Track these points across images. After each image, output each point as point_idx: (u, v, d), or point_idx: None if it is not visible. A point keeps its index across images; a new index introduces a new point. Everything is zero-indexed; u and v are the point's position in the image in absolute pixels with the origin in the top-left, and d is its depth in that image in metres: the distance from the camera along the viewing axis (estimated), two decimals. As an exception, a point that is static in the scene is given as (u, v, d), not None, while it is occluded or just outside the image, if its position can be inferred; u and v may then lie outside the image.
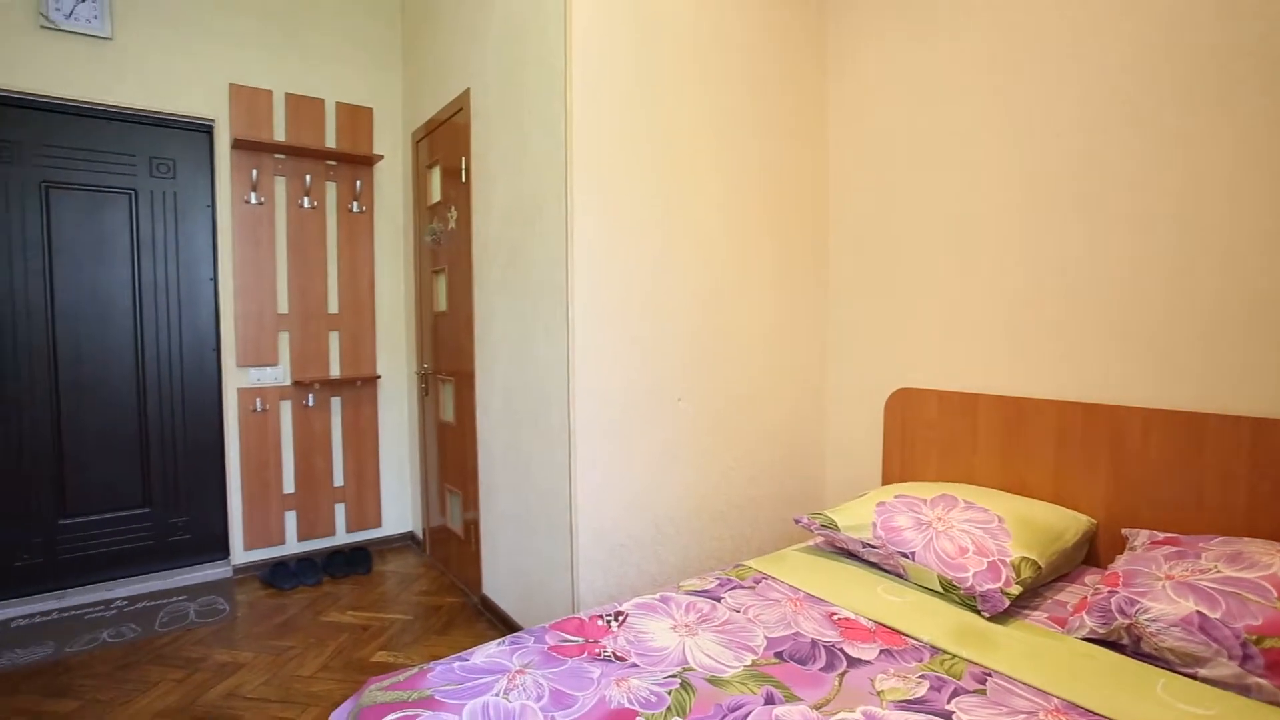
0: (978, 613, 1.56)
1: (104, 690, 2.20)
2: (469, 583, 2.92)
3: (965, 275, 2.19)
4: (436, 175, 3.16)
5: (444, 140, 3.02)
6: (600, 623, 1.54)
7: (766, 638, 1.47)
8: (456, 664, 1.37)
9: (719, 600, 1.67)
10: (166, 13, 2.97)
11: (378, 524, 3.52)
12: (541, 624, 1.81)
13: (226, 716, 2.05)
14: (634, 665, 1.35)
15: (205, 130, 3.11)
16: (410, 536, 3.62)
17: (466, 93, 2.74)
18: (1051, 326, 1.97)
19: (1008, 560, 1.59)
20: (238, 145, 3.07)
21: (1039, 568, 1.61)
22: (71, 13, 2.79)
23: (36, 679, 2.28)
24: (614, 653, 1.41)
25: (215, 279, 3.12)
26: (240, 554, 3.18)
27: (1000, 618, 1.54)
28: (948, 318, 2.25)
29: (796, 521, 2.01)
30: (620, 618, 1.57)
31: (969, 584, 1.57)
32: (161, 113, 2.99)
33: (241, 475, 3.16)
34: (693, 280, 2.30)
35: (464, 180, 2.78)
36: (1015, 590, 1.54)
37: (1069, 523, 1.79)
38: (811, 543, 2.11)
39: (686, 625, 1.53)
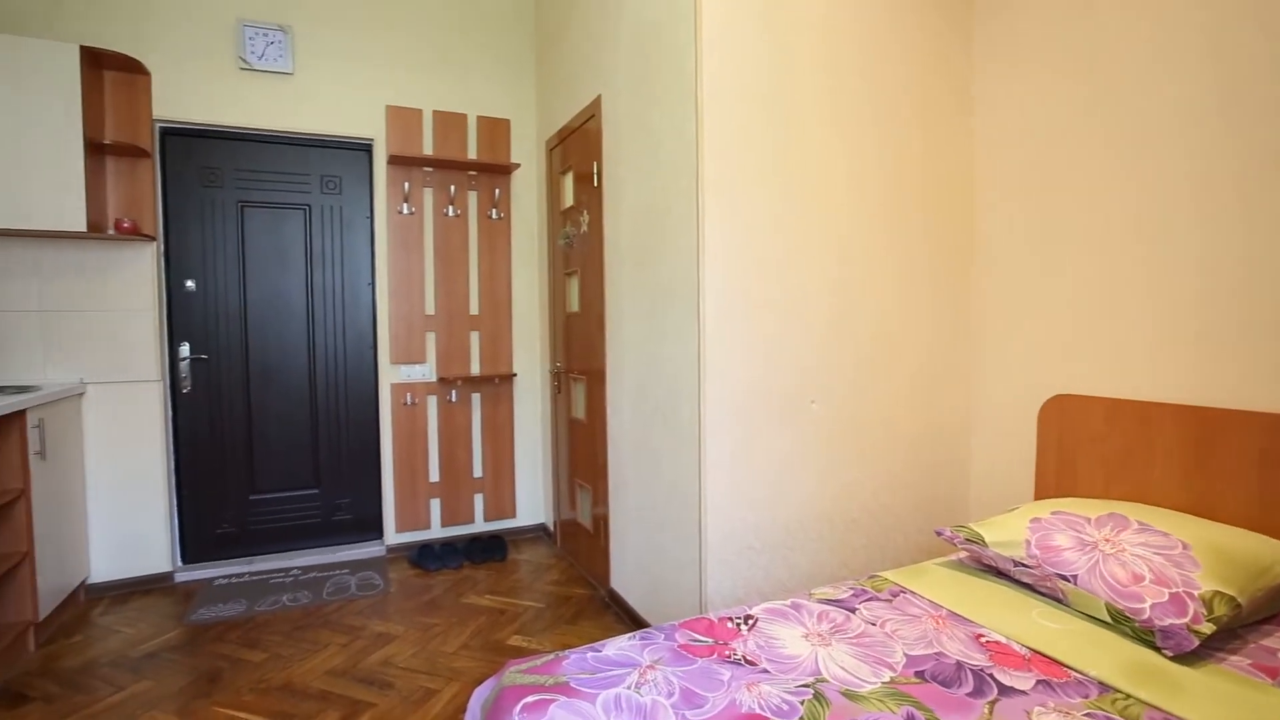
0: (1157, 650, 1.38)
1: (284, 647, 2.49)
2: (597, 576, 3.01)
3: (1140, 272, 1.96)
4: (569, 181, 3.28)
5: (576, 147, 3.13)
6: (730, 625, 1.53)
7: (906, 655, 1.39)
8: (589, 654, 1.41)
9: (853, 611, 1.61)
10: (336, 48, 3.31)
11: (512, 515, 3.72)
12: (669, 621, 1.82)
13: (382, 681, 2.25)
14: (765, 671, 1.33)
15: (366, 149, 3.42)
16: (542, 528, 3.78)
17: (597, 99, 2.82)
18: (1251, 328, 1.72)
19: (1196, 593, 1.40)
20: (393, 161, 3.36)
21: (1238, 605, 1.40)
22: (262, 54, 3.18)
23: (234, 630, 2.62)
24: (744, 656, 1.39)
25: (373, 284, 3.43)
26: (392, 535, 3.47)
27: (1187, 659, 1.36)
28: (1114, 318, 2.02)
29: (938, 534, 1.89)
30: (750, 621, 1.55)
31: (1145, 616, 1.40)
32: (331, 135, 3.33)
33: (394, 463, 3.45)
34: (826, 279, 2.23)
35: (595, 184, 2.87)
36: (1206, 629, 1.36)
37: (1278, 555, 1.55)
38: (954, 558, 1.98)
39: (819, 635, 1.49)
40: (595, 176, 2.87)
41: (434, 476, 3.54)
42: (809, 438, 2.23)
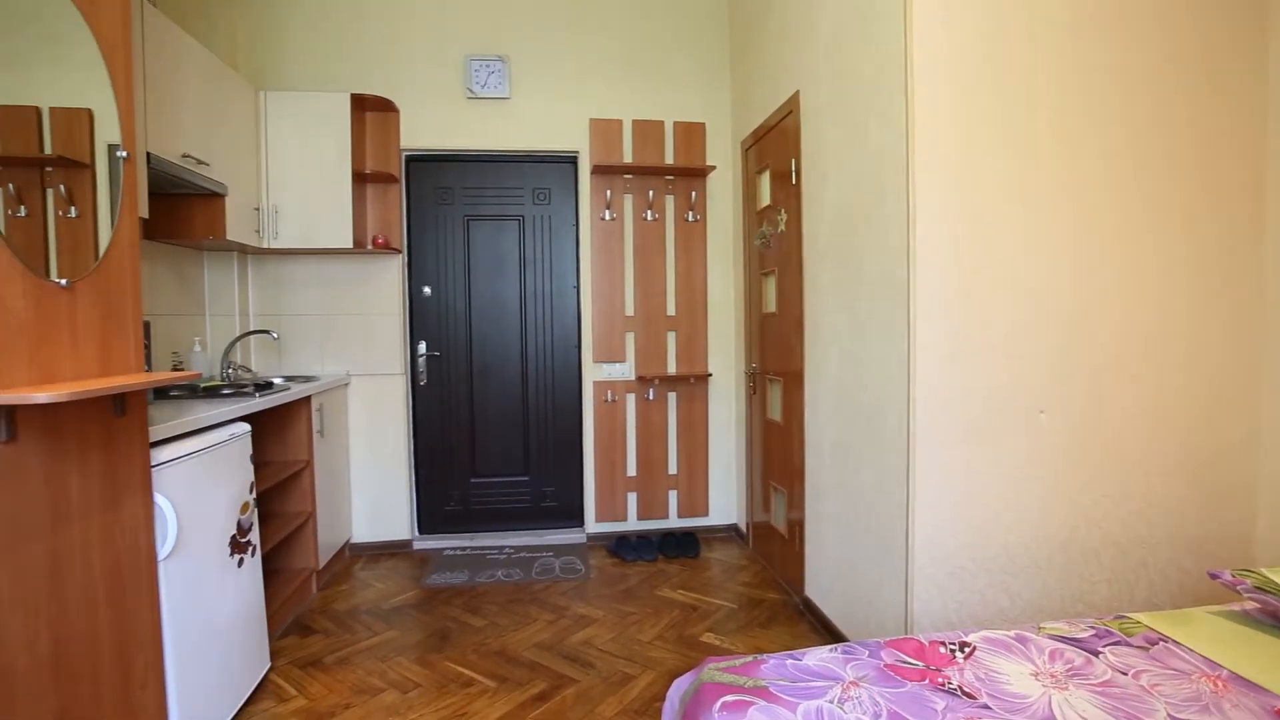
0: None
1: (500, 616, 2.76)
2: (791, 581, 2.94)
3: None
4: (765, 180, 3.24)
5: (773, 145, 3.08)
6: (943, 650, 1.41)
7: (1172, 716, 1.18)
8: (789, 661, 1.38)
9: (1095, 654, 1.40)
10: (545, 71, 3.59)
11: (705, 513, 3.76)
12: (872, 638, 1.73)
13: (583, 660, 2.40)
14: (985, 706, 1.21)
15: (572, 161, 3.67)
16: (734, 529, 3.79)
17: (795, 95, 2.75)
18: None
19: None
20: (595, 171, 3.56)
21: None
22: (485, 83, 3.55)
23: (459, 597, 2.95)
24: (960, 687, 1.27)
25: (578, 287, 3.67)
26: (592, 524, 3.69)
27: None
28: None
29: (1213, 577, 1.58)
30: (967, 649, 1.41)
31: None
32: (541, 151, 3.62)
33: (595, 457, 3.66)
34: (1062, 272, 1.97)
35: (794, 182, 2.80)
36: None
37: None
38: (1234, 607, 1.64)
39: (1052, 675, 1.31)
40: (793, 174, 2.80)
41: (631, 471, 3.70)
42: (1036, 452, 1.98)
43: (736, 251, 3.66)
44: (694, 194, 3.67)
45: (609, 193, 3.61)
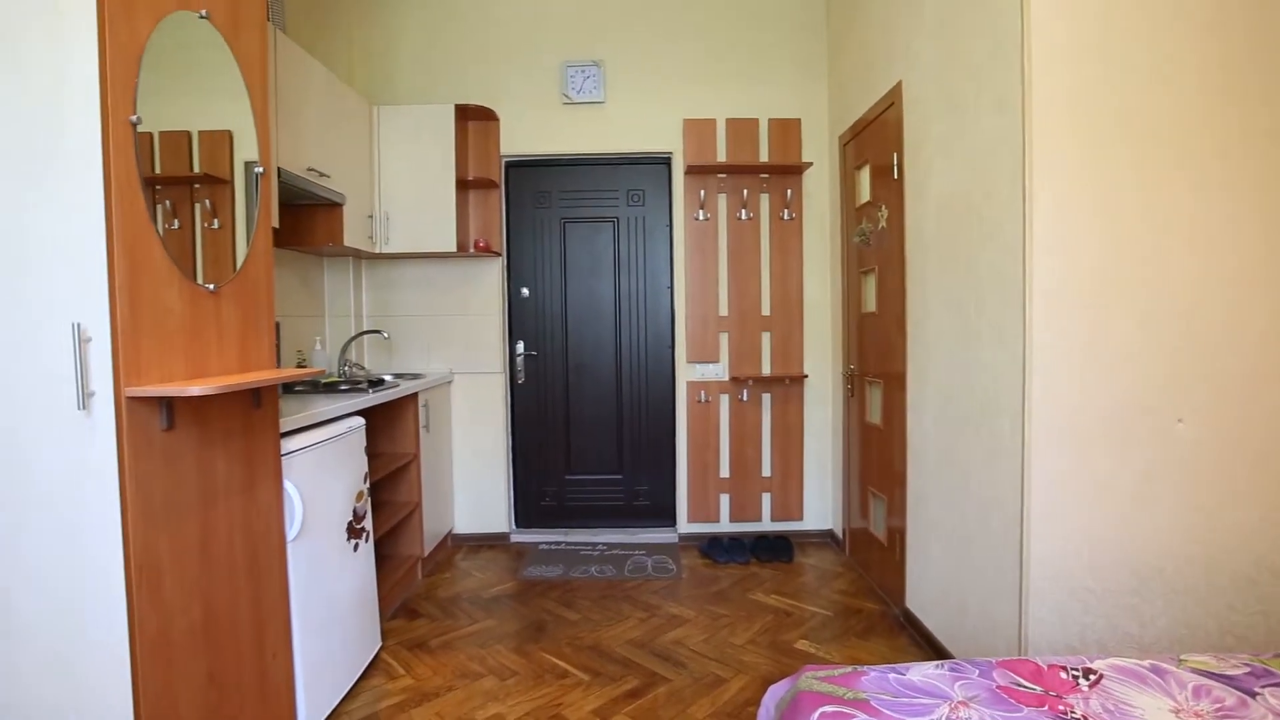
0: None
1: (593, 611, 2.81)
2: (890, 591, 2.82)
3: None
4: (865, 175, 3.13)
5: (873, 139, 2.97)
6: (1065, 675, 1.31)
7: (1345, 766, 1.04)
8: (891, 675, 1.33)
9: (1251, 695, 1.26)
10: (639, 74, 3.62)
11: (799, 517, 3.68)
12: (983, 657, 1.63)
13: (675, 659, 2.40)
14: (1116, 740, 1.11)
15: (665, 162, 3.69)
16: (829, 534, 3.68)
17: (898, 86, 2.64)
18: None
19: None
20: (689, 171, 3.56)
21: None
22: (580, 89, 3.62)
23: (553, 590, 3.03)
24: (1085, 717, 1.18)
25: (671, 287, 3.68)
26: (684, 524, 3.69)
27: None
28: None
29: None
30: (1092, 677, 1.31)
31: None
32: (635, 153, 3.66)
33: (688, 457, 3.66)
34: (1200, 274, 1.78)
35: (895, 177, 2.69)
36: None
37: None
38: None
39: (1196, 714, 1.19)
40: (895, 168, 2.69)
41: (724, 472, 3.67)
42: (1173, 464, 1.80)
43: (833, 250, 3.56)
44: (789, 192, 3.60)
45: (703, 193, 3.60)
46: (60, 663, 1.32)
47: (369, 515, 2.35)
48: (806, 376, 3.63)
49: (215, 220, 1.64)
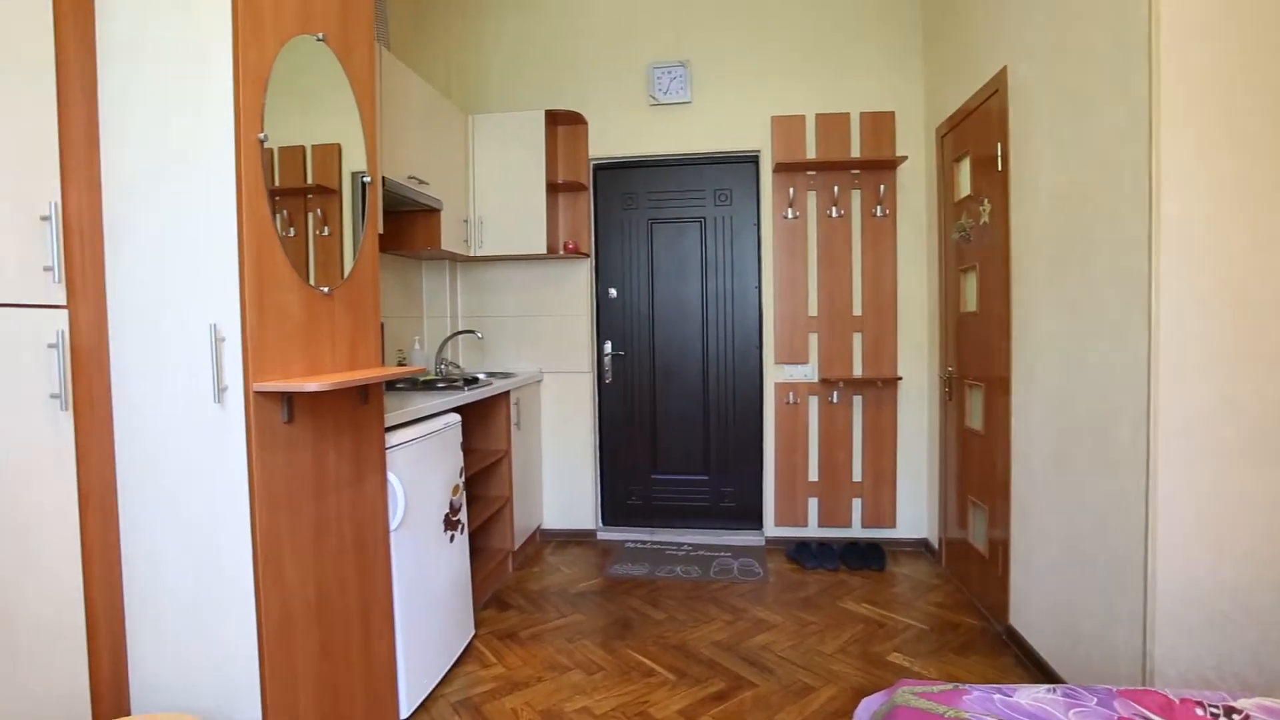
0: None
1: (679, 611, 2.81)
2: (991, 607, 2.67)
3: None
4: (965, 168, 2.97)
5: (974, 130, 2.82)
6: (1201, 712, 1.19)
7: None
8: (997, 696, 1.26)
9: None
10: (725, 72, 3.59)
11: (892, 524, 3.54)
12: (1099, 684, 1.52)
13: (762, 664, 2.36)
14: (1262, 785, 1.00)
15: (753, 160, 3.64)
16: (924, 544, 3.52)
17: (1002, 72, 2.49)
18: None
19: None
20: (778, 169, 3.50)
21: None
22: (667, 90, 3.63)
23: (639, 589, 3.05)
24: (1224, 756, 1.07)
25: (759, 287, 3.63)
26: (771, 527, 3.63)
27: None
28: None
29: None
30: (1236, 717, 1.18)
31: None
32: (722, 152, 3.63)
33: (775, 459, 3.60)
34: (1372, 259, 1.58)
35: (999, 169, 2.54)
36: None
37: None
38: None
39: (1362, 760, 1.06)
40: (999, 159, 2.54)
41: (813, 476, 3.58)
42: (1333, 480, 1.61)
43: (930, 247, 3.40)
44: (882, 188, 3.47)
45: (791, 190, 3.53)
46: (206, 631, 1.46)
47: (464, 508, 2.45)
48: (901, 379, 3.49)
49: (325, 228, 1.76)
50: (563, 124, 3.69)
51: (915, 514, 3.54)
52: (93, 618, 1.42)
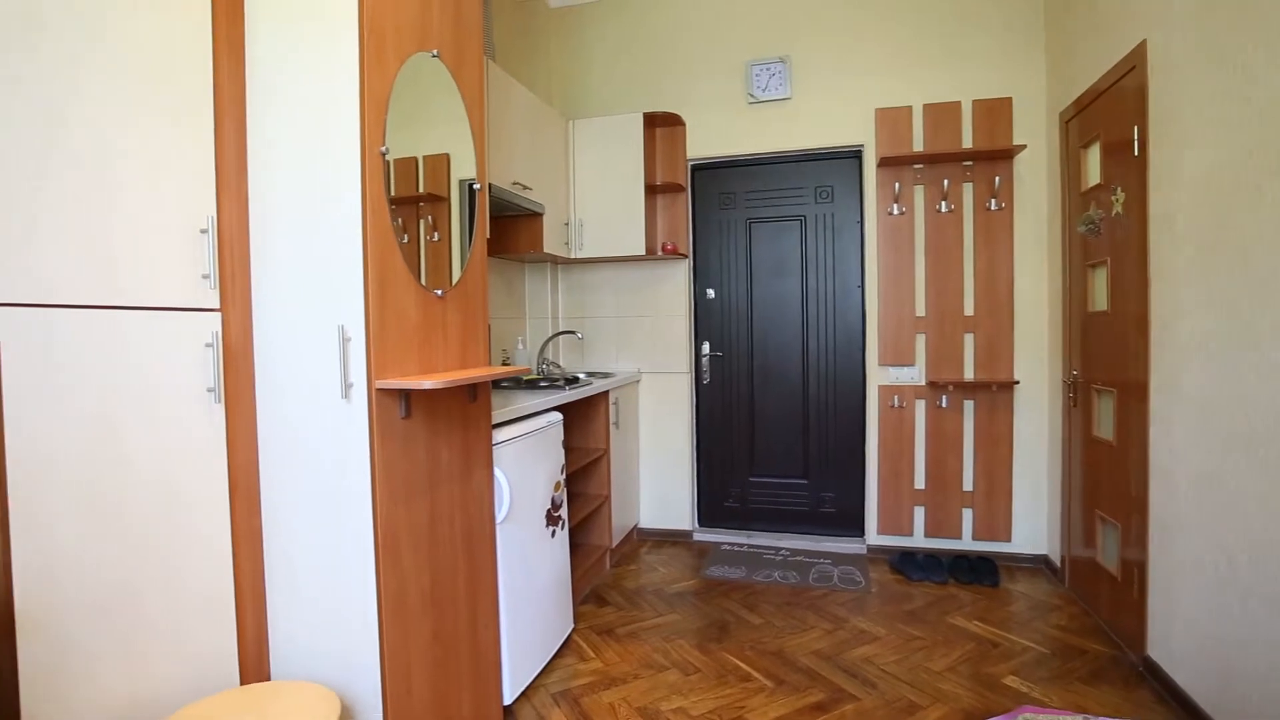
0: None
1: (776, 617, 2.76)
2: (1125, 635, 2.44)
3: None
4: (1093, 155, 2.74)
5: (1105, 112, 2.59)
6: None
7: None
8: (1135, 731, 1.15)
9: None
10: (826, 66, 3.49)
11: (1006, 538, 3.32)
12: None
13: (864, 677, 2.28)
14: None
15: (855, 155, 3.52)
16: (1043, 560, 3.27)
17: (1141, 47, 2.28)
18: None
19: None
20: (882, 163, 3.36)
21: None
22: (766, 87, 3.58)
23: (736, 592, 3.02)
24: None
25: (862, 286, 3.50)
26: (873, 535, 3.49)
27: None
28: None
29: None
30: None
31: None
32: (823, 148, 3.53)
33: (878, 465, 3.46)
34: None
35: (1135, 153, 2.32)
36: None
37: None
38: None
39: None
40: (1135, 143, 2.32)
41: (919, 483, 3.42)
42: None
43: (1051, 241, 3.16)
44: (997, 179, 3.26)
45: (897, 185, 3.38)
46: (333, 609, 1.58)
47: (565, 505, 2.52)
48: (1017, 383, 3.26)
49: (435, 233, 1.85)
50: (660, 126, 3.71)
51: (1033, 528, 3.29)
52: (240, 590, 1.57)
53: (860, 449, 3.54)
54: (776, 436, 3.69)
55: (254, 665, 1.60)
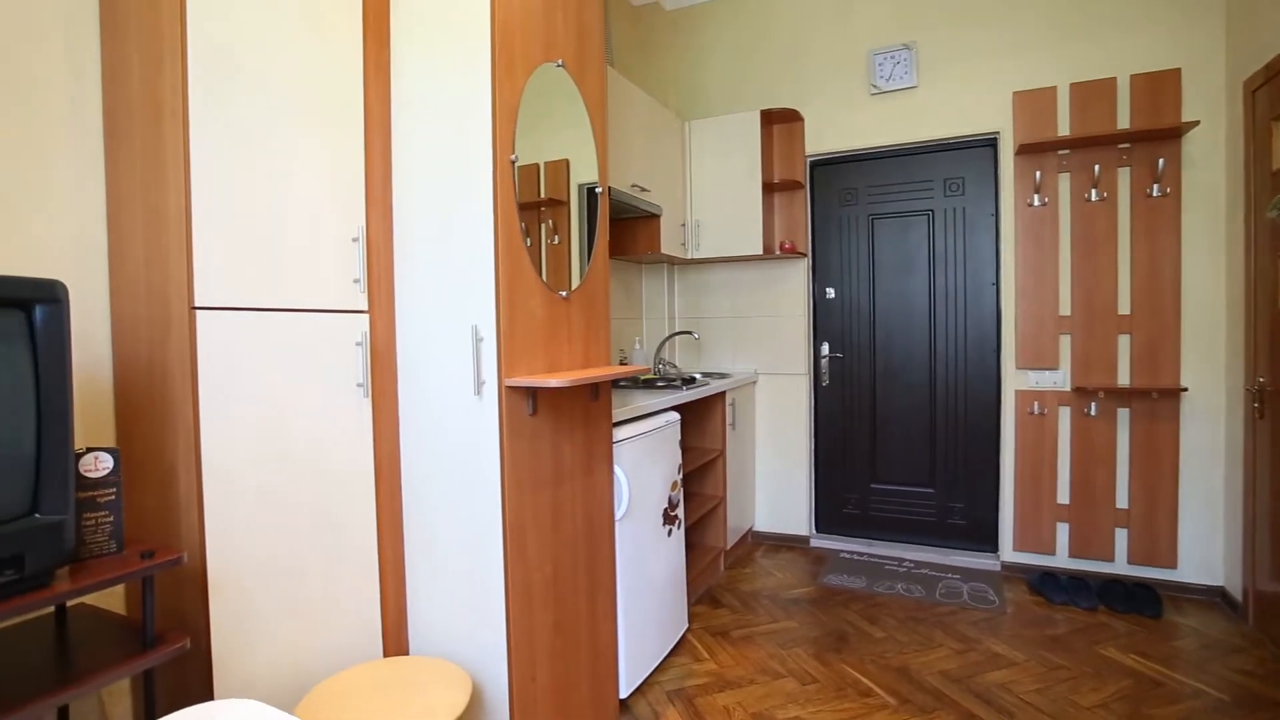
0: None
1: (900, 632, 2.63)
2: (1323, 681, 2.11)
3: None
4: (1288, 128, 2.40)
5: (1306, 78, 2.25)
6: None
7: None
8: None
9: None
10: (956, 51, 3.28)
11: (1170, 564, 2.96)
12: None
13: (1000, 705, 2.12)
14: None
15: (989, 144, 3.28)
16: (1218, 592, 2.90)
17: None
18: None
19: None
20: (1021, 151, 3.11)
21: None
22: (889, 76, 3.42)
23: (855, 602, 2.91)
24: None
25: (997, 283, 3.26)
26: (1008, 552, 3.24)
27: None
28: None
29: None
30: None
31: None
32: (953, 138, 3.32)
33: (1015, 476, 3.20)
34: None
35: (1344, 124, 2.00)
36: None
37: None
38: None
39: None
40: (1344, 112, 2.00)
41: (1062, 498, 3.13)
42: None
43: (1231, 229, 2.79)
44: (1161, 162, 2.92)
45: (1038, 174, 3.12)
46: (465, 593, 1.68)
47: (681, 504, 2.53)
48: (1185, 390, 2.91)
49: (555, 236, 1.91)
50: (778, 123, 3.64)
51: (1206, 554, 2.92)
52: (383, 568, 1.70)
53: (994, 457, 3.29)
54: (900, 441, 3.51)
55: (394, 640, 1.73)
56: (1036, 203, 3.14)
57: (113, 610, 1.36)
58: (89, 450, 1.18)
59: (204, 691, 1.33)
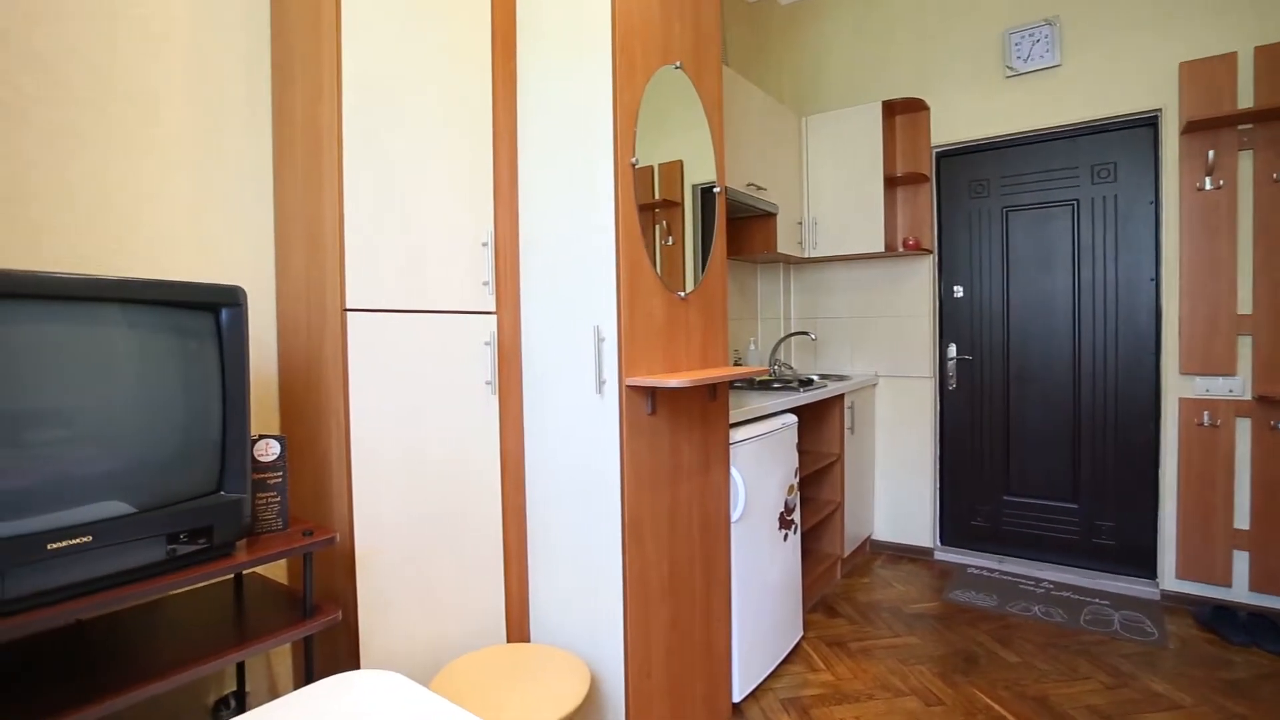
0: None
1: (1038, 659, 2.42)
2: None
3: None
4: None
5: None
6: None
7: None
8: None
9: None
10: (1108, 23, 2.98)
11: (1380, 601, 2.54)
12: None
13: (1162, 750, 1.90)
14: None
15: (1148, 123, 2.95)
16: None
17: None
18: None
19: None
20: (1189, 129, 2.78)
21: None
22: (1028, 56, 3.16)
23: (984, 622, 2.72)
24: None
25: (1156, 279, 2.93)
26: (1169, 580, 2.90)
27: None
28: None
29: None
30: None
31: None
32: (1102, 119, 3.02)
33: (1178, 494, 2.86)
34: None
35: None
36: None
37: None
38: None
39: None
40: None
41: (1240, 522, 2.76)
42: None
43: None
44: (1374, 134, 2.51)
45: (1211, 154, 2.77)
46: (584, 585, 1.73)
47: (797, 508, 2.47)
48: (1404, 400, 2.48)
49: (670, 237, 1.92)
50: (900, 113, 3.47)
51: None
52: (507, 558, 1.78)
53: (1151, 472, 2.96)
54: (1038, 451, 3.24)
55: (517, 627, 1.81)
56: (1209, 186, 2.79)
57: (278, 580, 1.51)
58: (261, 437, 1.32)
59: (351, 660, 1.45)
